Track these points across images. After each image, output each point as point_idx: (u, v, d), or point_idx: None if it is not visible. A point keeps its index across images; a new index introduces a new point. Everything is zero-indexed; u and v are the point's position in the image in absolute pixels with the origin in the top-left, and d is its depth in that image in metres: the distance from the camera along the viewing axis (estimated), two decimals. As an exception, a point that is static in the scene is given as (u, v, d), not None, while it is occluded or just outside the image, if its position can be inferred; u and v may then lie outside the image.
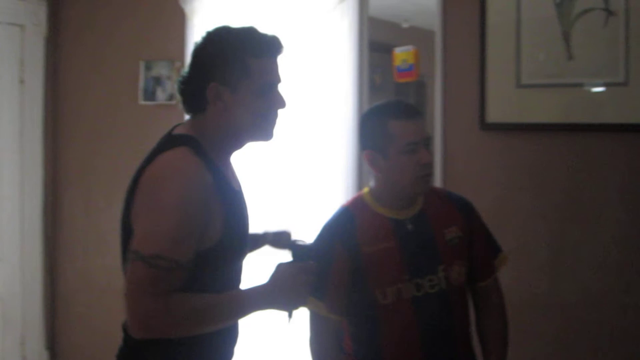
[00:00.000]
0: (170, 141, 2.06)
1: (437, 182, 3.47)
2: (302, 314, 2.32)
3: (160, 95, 4.35)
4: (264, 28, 2.15)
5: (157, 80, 4.36)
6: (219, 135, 2.10)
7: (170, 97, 4.30)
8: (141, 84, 4.43)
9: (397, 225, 2.39)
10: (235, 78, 2.04)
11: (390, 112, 2.37)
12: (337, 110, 3.69)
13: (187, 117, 2.20)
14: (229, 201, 2.07)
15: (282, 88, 2.14)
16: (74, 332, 4.92)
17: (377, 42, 3.72)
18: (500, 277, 2.70)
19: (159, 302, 1.88)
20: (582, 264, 3.24)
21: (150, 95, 4.40)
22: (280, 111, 2.13)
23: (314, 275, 2.11)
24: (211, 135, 2.09)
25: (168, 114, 4.31)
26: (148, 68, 4.40)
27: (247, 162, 3.71)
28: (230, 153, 2.18)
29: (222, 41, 2.07)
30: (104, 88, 4.68)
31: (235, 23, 2.11)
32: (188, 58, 4.17)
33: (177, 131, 2.13)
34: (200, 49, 2.11)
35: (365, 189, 2.50)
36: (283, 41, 2.13)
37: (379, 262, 2.35)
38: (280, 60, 2.14)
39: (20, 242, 4.77)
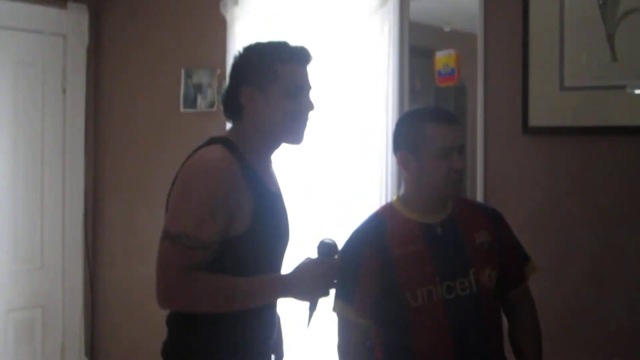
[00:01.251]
0: (207, 141, 2.29)
1: (478, 186, 3.43)
2: (324, 319, 2.41)
3: (201, 103, 4.37)
4: (297, 38, 2.36)
5: (198, 88, 4.37)
6: (254, 137, 2.28)
7: (211, 105, 4.32)
8: (182, 91, 4.45)
9: (426, 229, 2.39)
10: (265, 81, 2.24)
11: (428, 115, 2.39)
12: (377, 114, 3.67)
13: (227, 123, 2.42)
14: (260, 196, 2.23)
15: (312, 94, 2.32)
16: (113, 340, 4.94)
17: (418, 46, 3.69)
18: (541, 285, 2.66)
19: (180, 276, 2.08)
20: (627, 271, 3.17)
21: (191, 102, 4.42)
22: (309, 114, 2.31)
23: (336, 270, 2.26)
24: (247, 137, 2.28)
25: (209, 121, 4.32)
26: (189, 76, 4.42)
27: (285, 166, 3.72)
28: (266, 154, 2.35)
29: (253, 50, 2.32)
30: (145, 96, 4.72)
31: (275, 30, 2.22)
32: (229, 65, 4.22)
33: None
34: (236, 62, 2.36)
35: (395, 197, 2.52)
36: (311, 52, 2.32)
37: (409, 264, 2.35)
38: (310, 69, 2.33)
39: (62, 250, 4.82)
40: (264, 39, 2.36)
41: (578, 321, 3.26)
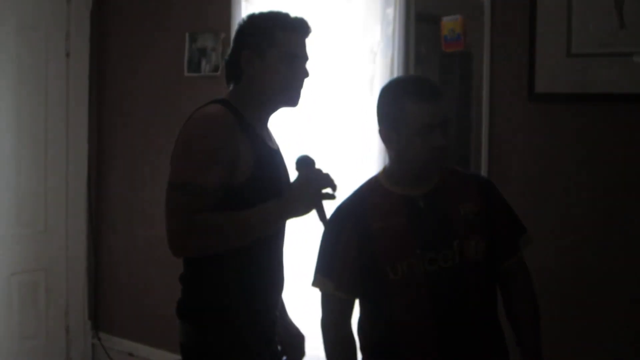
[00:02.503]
0: (208, 102, 2.38)
1: (483, 152, 3.42)
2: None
3: (206, 67, 4.36)
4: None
5: (202, 52, 4.36)
6: (251, 99, 2.37)
7: (215, 69, 4.30)
8: (186, 55, 4.43)
9: (408, 202, 2.37)
10: (264, 46, 2.33)
11: (408, 91, 2.33)
12: (383, 80, 3.65)
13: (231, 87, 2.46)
14: (259, 148, 2.32)
15: (309, 64, 2.40)
16: (117, 302, 4.97)
17: (424, 12, 3.67)
18: (543, 251, 2.59)
19: (187, 220, 2.15)
20: (629, 239, 3.16)
21: (195, 66, 4.41)
22: (304, 81, 2.39)
23: (321, 175, 2.25)
24: (245, 99, 2.37)
25: (213, 85, 4.31)
26: (193, 40, 4.40)
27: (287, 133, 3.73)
28: (263, 116, 2.43)
29: (255, 17, 2.42)
30: (149, 60, 4.71)
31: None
32: (233, 29, 4.20)
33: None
34: (239, 27, 2.45)
35: (381, 170, 2.51)
36: (311, 24, 2.40)
37: (388, 238, 2.34)
38: (309, 41, 2.41)
39: (65, 214, 4.84)
40: (268, 2, 2.41)
41: (579, 288, 3.25)
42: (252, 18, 2.42)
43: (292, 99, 2.39)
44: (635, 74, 3.10)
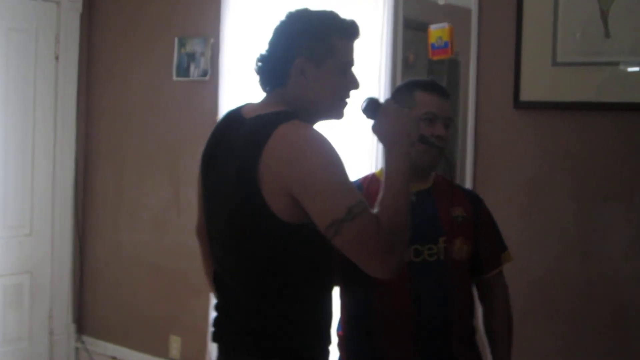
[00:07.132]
0: (277, 115, 2.08)
1: (468, 159, 3.44)
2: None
3: (194, 72, 4.37)
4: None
5: (191, 57, 4.37)
6: (300, 110, 2.13)
7: (204, 74, 4.32)
8: (175, 60, 4.45)
9: None
10: (321, 55, 2.12)
11: (420, 84, 2.47)
12: (370, 87, 3.67)
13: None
14: None
15: (356, 71, 2.22)
16: (101, 306, 4.96)
17: (411, 19, 3.70)
18: (528, 257, 2.59)
19: (381, 238, 1.94)
20: (611, 245, 3.19)
21: (183, 71, 4.42)
22: (353, 92, 2.21)
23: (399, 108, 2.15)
24: (294, 108, 2.14)
25: (201, 90, 4.33)
26: (182, 44, 4.42)
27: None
28: None
29: (307, 20, 2.16)
30: (137, 64, 4.72)
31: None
32: (223, 34, 4.23)
33: (267, 109, 2.14)
34: (284, 27, 2.18)
35: (378, 170, 2.55)
36: (360, 27, 2.21)
37: None
38: (356, 44, 2.22)
39: (51, 217, 4.84)
40: (259, 7, 2.27)
41: (562, 294, 3.28)
42: (305, 21, 2.16)
43: (339, 112, 2.21)
44: (620, 83, 3.14)
